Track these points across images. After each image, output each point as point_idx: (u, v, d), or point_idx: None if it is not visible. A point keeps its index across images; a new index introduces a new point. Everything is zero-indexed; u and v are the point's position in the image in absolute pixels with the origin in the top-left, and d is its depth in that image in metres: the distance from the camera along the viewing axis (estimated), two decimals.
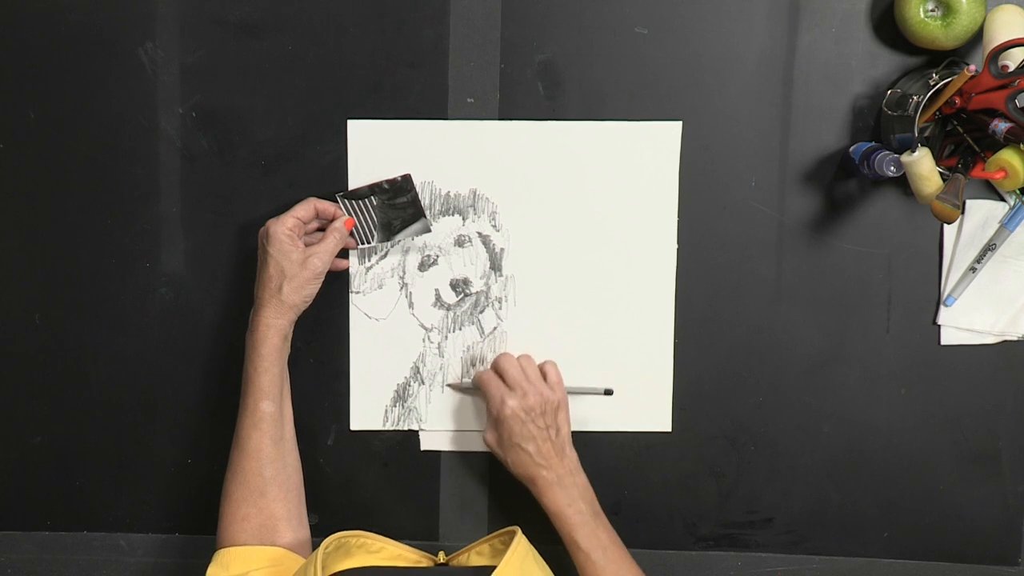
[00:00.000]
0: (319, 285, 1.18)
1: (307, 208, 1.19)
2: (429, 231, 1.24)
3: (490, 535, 1.17)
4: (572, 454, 1.21)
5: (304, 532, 1.17)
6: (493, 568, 1.04)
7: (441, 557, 1.19)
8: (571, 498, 1.19)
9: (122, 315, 1.26)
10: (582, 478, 1.21)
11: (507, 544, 1.13)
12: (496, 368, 1.22)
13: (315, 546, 1.16)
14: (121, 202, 1.25)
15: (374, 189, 1.22)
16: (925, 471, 1.28)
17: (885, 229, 1.24)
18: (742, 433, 1.28)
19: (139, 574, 1.31)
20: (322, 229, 1.21)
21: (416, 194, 1.23)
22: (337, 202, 1.22)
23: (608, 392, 1.25)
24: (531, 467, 1.19)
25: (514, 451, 1.19)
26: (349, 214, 1.22)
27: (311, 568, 1.02)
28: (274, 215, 1.18)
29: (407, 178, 1.22)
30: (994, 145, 1.14)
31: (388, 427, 1.28)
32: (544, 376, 1.22)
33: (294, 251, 1.16)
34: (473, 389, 1.26)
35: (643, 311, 1.25)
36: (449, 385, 1.27)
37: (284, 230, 1.16)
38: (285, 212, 1.18)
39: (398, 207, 1.22)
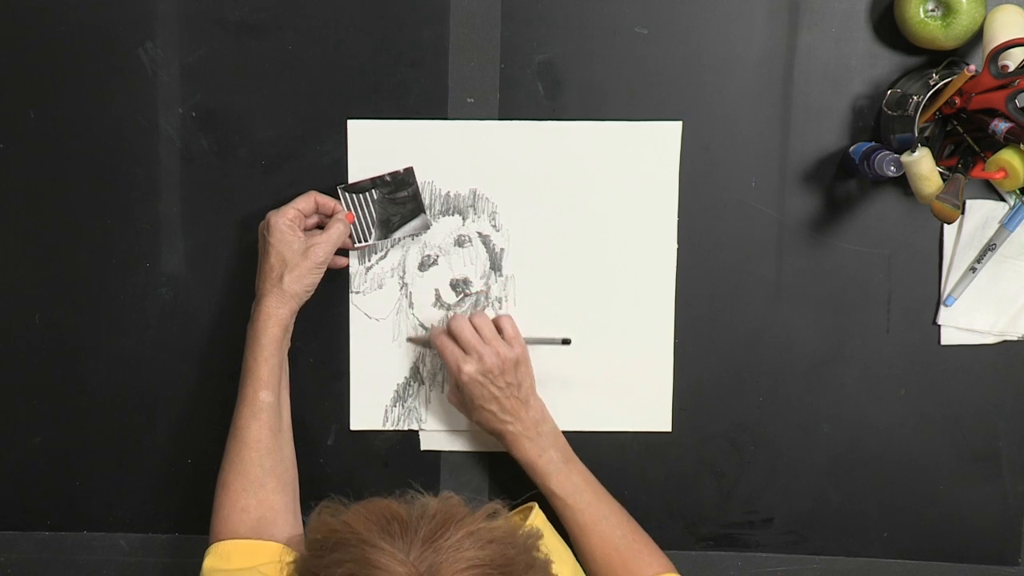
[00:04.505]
0: (320, 275, 1.18)
1: (307, 201, 1.19)
2: (428, 227, 1.24)
3: None
4: (537, 403, 1.21)
5: (299, 528, 1.16)
6: None
7: None
8: (541, 448, 1.19)
9: (122, 315, 1.26)
10: (548, 426, 1.21)
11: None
12: (450, 332, 1.21)
13: None
14: (121, 202, 1.25)
15: (376, 182, 1.22)
16: (925, 471, 1.28)
17: (885, 229, 1.24)
18: (742, 433, 1.28)
19: (139, 574, 1.30)
20: (321, 226, 1.21)
21: (417, 187, 1.22)
22: (338, 195, 1.22)
23: (566, 341, 1.23)
24: (496, 423, 1.20)
25: (478, 411, 1.20)
26: (349, 208, 1.22)
27: None
28: None
29: (409, 171, 1.22)
30: (994, 145, 1.14)
31: (388, 427, 1.28)
32: (500, 332, 1.21)
33: (295, 240, 1.16)
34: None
35: (643, 311, 1.25)
36: (409, 339, 1.26)
37: (285, 220, 1.16)
38: (286, 204, 1.18)
39: (398, 202, 1.22)
